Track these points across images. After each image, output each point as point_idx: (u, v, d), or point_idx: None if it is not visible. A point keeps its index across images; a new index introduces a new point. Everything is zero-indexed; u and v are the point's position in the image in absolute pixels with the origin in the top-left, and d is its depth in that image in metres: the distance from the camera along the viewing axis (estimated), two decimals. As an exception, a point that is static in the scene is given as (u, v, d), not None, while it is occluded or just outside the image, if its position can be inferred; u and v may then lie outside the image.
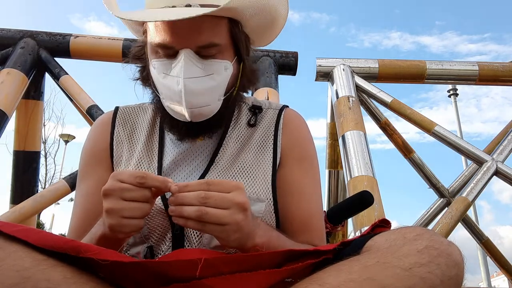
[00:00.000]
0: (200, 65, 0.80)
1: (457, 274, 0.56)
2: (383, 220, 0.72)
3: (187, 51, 0.79)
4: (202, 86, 0.80)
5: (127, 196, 0.64)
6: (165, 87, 0.82)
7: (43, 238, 0.55)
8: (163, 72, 0.82)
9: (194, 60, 0.80)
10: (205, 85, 0.81)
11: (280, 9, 0.90)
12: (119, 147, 0.92)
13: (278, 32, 0.97)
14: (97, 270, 0.56)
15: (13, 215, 2.26)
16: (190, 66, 0.79)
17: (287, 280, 0.59)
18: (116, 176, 0.65)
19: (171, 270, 0.57)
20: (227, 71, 0.84)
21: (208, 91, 0.81)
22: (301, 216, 0.86)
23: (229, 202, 0.63)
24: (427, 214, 3.32)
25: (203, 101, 0.81)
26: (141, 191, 0.65)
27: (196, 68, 0.80)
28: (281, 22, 0.94)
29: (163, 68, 0.82)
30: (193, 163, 0.88)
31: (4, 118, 2.35)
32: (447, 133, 2.68)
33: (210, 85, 0.81)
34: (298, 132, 0.94)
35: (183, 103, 0.79)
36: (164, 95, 0.83)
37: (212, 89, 0.82)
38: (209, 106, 0.82)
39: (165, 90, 0.82)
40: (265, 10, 0.87)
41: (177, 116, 0.84)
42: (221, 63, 0.83)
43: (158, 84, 0.84)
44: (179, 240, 0.80)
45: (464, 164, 8.41)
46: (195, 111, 0.81)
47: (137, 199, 0.65)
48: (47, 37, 2.73)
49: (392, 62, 2.92)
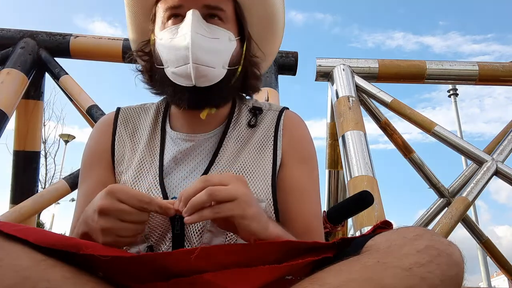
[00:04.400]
0: (206, 28, 0.85)
1: (457, 274, 0.56)
2: (385, 221, 0.72)
3: (194, 11, 0.84)
4: (208, 44, 0.84)
5: (126, 219, 0.64)
6: (171, 49, 0.84)
7: (43, 236, 0.55)
8: (169, 38, 0.85)
9: (201, 21, 0.85)
10: (211, 45, 0.85)
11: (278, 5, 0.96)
12: (121, 147, 0.92)
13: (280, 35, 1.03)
14: (96, 270, 0.57)
15: (13, 215, 2.26)
16: (197, 24, 0.84)
17: (287, 277, 0.60)
18: (115, 194, 0.64)
19: (171, 261, 0.57)
20: (231, 42, 0.88)
21: (213, 52, 0.85)
22: (301, 217, 0.87)
23: (228, 177, 0.65)
24: (427, 214, 3.32)
25: (209, 59, 0.84)
26: (141, 215, 0.65)
27: (202, 29, 0.84)
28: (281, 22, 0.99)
29: (170, 34, 0.86)
30: (193, 161, 0.88)
31: (4, 118, 2.35)
32: (447, 133, 2.68)
33: (215, 47, 0.85)
34: (298, 134, 0.95)
35: (190, 56, 0.81)
36: (169, 61, 0.85)
37: (216, 52, 0.85)
38: (213, 69, 0.84)
39: (171, 53, 0.84)
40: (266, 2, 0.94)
41: (181, 81, 0.84)
42: (226, 32, 0.87)
43: (163, 51, 0.86)
44: (179, 240, 0.80)
45: (464, 164, 8.41)
46: (201, 69, 0.82)
47: (135, 222, 0.65)
48: (47, 37, 2.72)
49: (392, 62, 2.92)
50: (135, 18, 0.98)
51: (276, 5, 0.97)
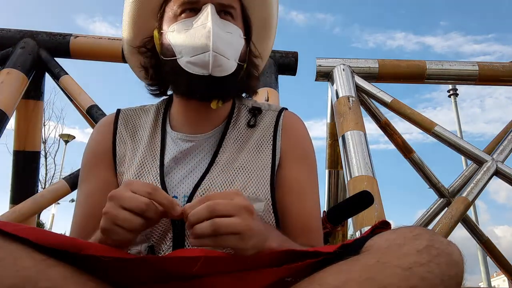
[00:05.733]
0: (221, 22, 0.88)
1: (457, 274, 0.56)
2: (383, 221, 0.72)
3: (211, 5, 0.86)
4: (225, 36, 0.87)
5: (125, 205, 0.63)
6: (188, 39, 0.86)
7: (44, 236, 0.55)
8: (184, 29, 0.87)
9: (217, 15, 0.87)
10: (227, 37, 0.87)
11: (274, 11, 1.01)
12: (122, 147, 0.93)
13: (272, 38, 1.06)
14: (97, 270, 0.57)
15: (13, 215, 2.26)
16: (216, 17, 0.86)
17: (287, 279, 0.59)
18: (130, 186, 0.64)
19: (172, 266, 0.57)
20: (241, 39, 0.91)
21: (230, 43, 0.87)
22: (300, 216, 0.87)
23: (236, 207, 0.62)
24: (427, 214, 3.32)
25: (226, 50, 0.86)
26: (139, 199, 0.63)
27: (219, 22, 0.87)
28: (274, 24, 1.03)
29: (184, 26, 0.87)
30: (193, 161, 0.89)
31: (4, 118, 2.34)
32: (447, 133, 2.68)
33: (230, 39, 0.88)
34: (297, 134, 0.95)
35: (211, 43, 0.83)
36: (183, 51, 0.86)
37: (231, 44, 0.88)
38: (228, 60, 0.86)
39: (187, 42, 0.85)
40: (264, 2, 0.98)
41: (196, 70, 0.84)
42: (237, 28, 0.91)
43: (177, 43, 0.87)
44: (179, 240, 0.80)
45: (464, 164, 8.41)
46: (218, 58, 0.84)
47: (133, 210, 0.63)
48: (47, 37, 2.72)
49: (392, 62, 2.92)
50: (138, 18, 0.98)
51: (273, 8, 1.00)
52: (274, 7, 1.00)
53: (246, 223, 0.61)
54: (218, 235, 0.60)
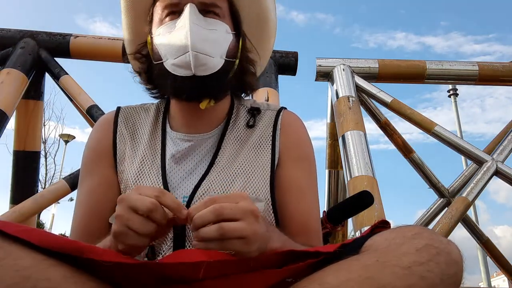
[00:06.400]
0: (203, 21, 0.87)
1: (456, 273, 0.56)
2: (383, 221, 0.72)
3: (191, 5, 0.86)
4: (206, 34, 0.86)
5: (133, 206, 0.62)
6: (170, 42, 0.86)
7: (46, 238, 0.55)
8: (167, 32, 0.87)
9: (198, 14, 0.86)
10: (208, 34, 0.86)
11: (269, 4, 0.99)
12: (122, 145, 0.93)
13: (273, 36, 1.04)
14: (98, 270, 0.57)
15: (13, 215, 2.26)
16: (195, 16, 0.85)
17: (287, 280, 0.59)
18: (138, 189, 0.64)
19: (175, 272, 0.57)
20: (228, 34, 0.90)
21: (212, 41, 0.86)
22: (299, 216, 0.87)
23: (242, 211, 0.61)
24: (427, 214, 3.32)
25: (208, 48, 0.85)
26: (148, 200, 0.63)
27: (200, 20, 0.86)
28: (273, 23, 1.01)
29: (167, 29, 0.87)
30: (193, 161, 0.89)
31: (4, 118, 2.34)
32: (447, 133, 2.68)
33: (213, 37, 0.87)
34: (296, 133, 0.95)
35: (189, 43, 0.82)
36: (168, 53, 0.86)
37: (215, 41, 0.87)
38: (212, 58, 0.85)
39: (170, 44, 0.86)
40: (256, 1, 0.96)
41: (180, 71, 0.84)
42: (223, 24, 0.89)
43: (162, 45, 0.87)
44: (180, 240, 0.80)
45: (464, 164, 8.41)
46: (200, 57, 0.83)
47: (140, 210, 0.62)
48: (47, 37, 2.72)
49: (392, 62, 2.92)
50: (132, 21, 0.99)
51: (268, 6, 0.99)
52: (268, 6, 0.99)
53: (252, 228, 0.61)
54: (224, 240, 0.60)
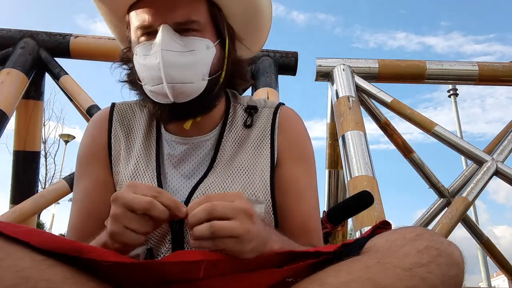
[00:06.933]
0: (180, 42, 0.80)
1: (457, 274, 0.56)
2: (384, 221, 0.72)
3: (165, 26, 0.79)
4: (182, 60, 0.80)
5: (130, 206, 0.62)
6: (145, 67, 0.81)
7: (45, 239, 0.55)
8: (143, 54, 0.82)
9: (173, 36, 0.80)
10: (186, 59, 0.80)
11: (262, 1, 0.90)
12: (117, 145, 0.91)
13: (266, 29, 0.96)
14: (97, 271, 0.56)
15: (13, 215, 2.26)
16: (169, 40, 0.79)
17: (288, 279, 0.59)
18: (134, 188, 0.63)
19: (174, 271, 0.57)
20: (209, 50, 0.83)
21: (189, 67, 0.81)
22: (299, 216, 0.86)
23: (235, 210, 0.61)
24: (427, 214, 3.32)
25: (185, 76, 0.80)
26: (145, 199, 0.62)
27: (176, 44, 0.80)
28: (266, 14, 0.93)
29: (143, 50, 0.82)
30: (191, 165, 0.87)
31: (4, 118, 2.35)
32: (447, 133, 2.68)
33: (191, 60, 0.81)
34: (294, 131, 0.93)
35: (163, 76, 0.78)
36: (145, 79, 0.82)
37: (193, 65, 0.81)
38: (192, 84, 0.81)
39: (145, 70, 0.81)
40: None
41: (159, 98, 0.82)
42: (202, 41, 0.82)
43: (139, 69, 0.83)
44: (178, 242, 0.80)
45: (464, 164, 8.41)
46: (177, 87, 0.79)
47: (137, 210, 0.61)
48: (47, 37, 2.72)
49: (392, 62, 2.92)
50: (113, 26, 0.95)
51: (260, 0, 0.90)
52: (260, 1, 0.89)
53: (244, 227, 0.60)
54: (216, 238, 0.60)
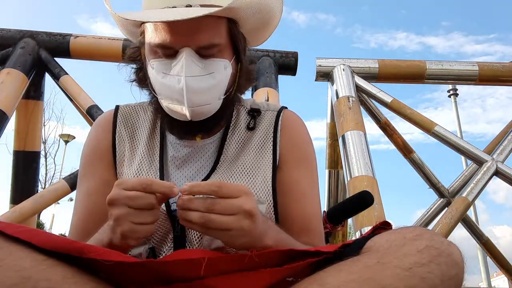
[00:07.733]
0: (200, 64, 0.80)
1: (457, 274, 0.56)
2: (384, 222, 0.72)
3: (187, 50, 0.79)
4: (203, 84, 0.80)
5: (133, 204, 0.64)
6: (165, 86, 0.81)
7: (46, 239, 0.55)
8: (162, 72, 0.81)
9: (195, 59, 0.80)
10: (206, 83, 0.81)
11: (275, 9, 0.91)
12: (122, 147, 0.92)
13: (272, 32, 0.98)
14: (98, 270, 0.56)
15: (13, 215, 2.26)
16: (191, 64, 0.79)
17: (288, 279, 0.59)
18: (120, 185, 0.65)
19: (175, 270, 0.57)
20: (226, 70, 0.84)
21: (209, 90, 0.82)
22: (301, 218, 0.86)
23: (236, 209, 0.63)
24: (427, 214, 3.32)
25: (204, 99, 0.81)
26: (146, 198, 0.64)
27: (197, 67, 0.80)
28: (275, 22, 0.95)
29: (162, 67, 0.81)
30: (194, 167, 0.88)
31: (4, 118, 2.35)
32: (447, 133, 2.68)
33: (210, 84, 0.82)
34: (297, 134, 0.94)
35: (185, 101, 0.79)
36: (163, 95, 0.83)
37: (213, 88, 0.82)
38: (209, 105, 0.83)
39: (165, 89, 0.82)
40: (263, 10, 0.87)
41: (176, 115, 0.83)
42: (221, 62, 0.83)
43: (156, 84, 0.83)
44: (180, 241, 0.80)
45: (464, 164, 8.41)
46: (196, 109, 0.81)
47: (143, 207, 0.64)
48: (47, 37, 2.73)
49: (392, 62, 2.92)
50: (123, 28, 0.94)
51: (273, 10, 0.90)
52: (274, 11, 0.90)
53: (239, 224, 0.63)
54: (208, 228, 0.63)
